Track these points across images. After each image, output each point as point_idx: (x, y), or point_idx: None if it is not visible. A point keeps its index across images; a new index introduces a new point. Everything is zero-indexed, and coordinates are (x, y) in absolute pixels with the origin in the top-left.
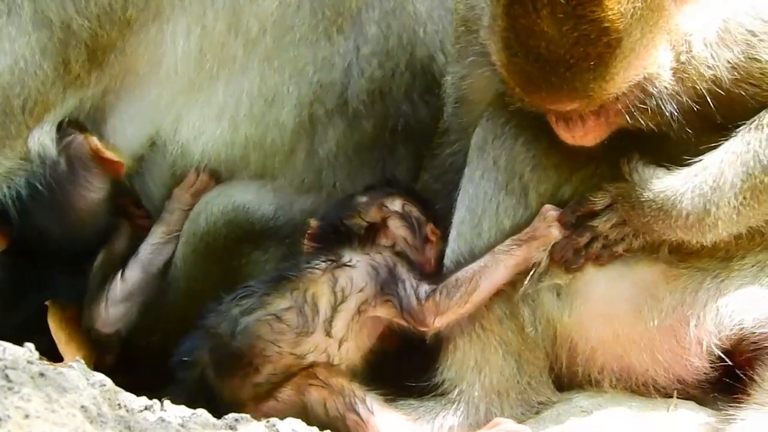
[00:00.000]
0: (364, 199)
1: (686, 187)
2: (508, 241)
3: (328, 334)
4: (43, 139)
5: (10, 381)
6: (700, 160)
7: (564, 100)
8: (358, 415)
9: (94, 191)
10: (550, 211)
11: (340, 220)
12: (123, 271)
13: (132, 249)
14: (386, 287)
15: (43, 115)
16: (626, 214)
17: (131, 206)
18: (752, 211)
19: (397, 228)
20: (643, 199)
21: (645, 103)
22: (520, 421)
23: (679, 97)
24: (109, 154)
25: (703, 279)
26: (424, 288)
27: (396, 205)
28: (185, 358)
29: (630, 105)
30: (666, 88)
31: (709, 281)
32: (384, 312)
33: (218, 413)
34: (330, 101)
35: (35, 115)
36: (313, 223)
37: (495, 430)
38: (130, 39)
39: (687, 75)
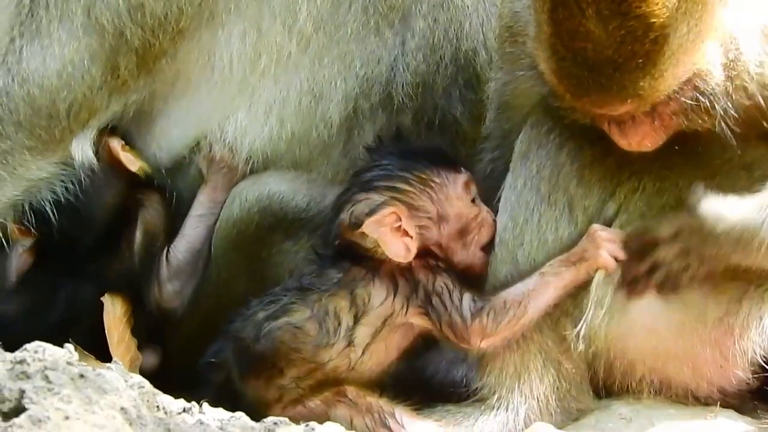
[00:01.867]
0: (372, 198)
1: (762, 216)
2: (556, 263)
3: (351, 343)
4: (84, 145)
5: (50, 382)
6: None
7: (614, 102)
8: (389, 428)
9: (109, 194)
10: (599, 232)
11: (346, 230)
12: (168, 248)
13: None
14: (415, 300)
15: (87, 120)
16: (695, 247)
17: None
18: None
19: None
20: (717, 233)
21: (698, 102)
22: (560, 428)
23: (730, 96)
24: (124, 158)
25: (746, 289)
26: (469, 304)
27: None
28: (212, 360)
29: (683, 105)
30: (717, 85)
31: (752, 291)
32: (419, 321)
33: (252, 417)
34: (375, 95)
35: (80, 119)
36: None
37: None
38: (182, 45)
39: (736, 73)
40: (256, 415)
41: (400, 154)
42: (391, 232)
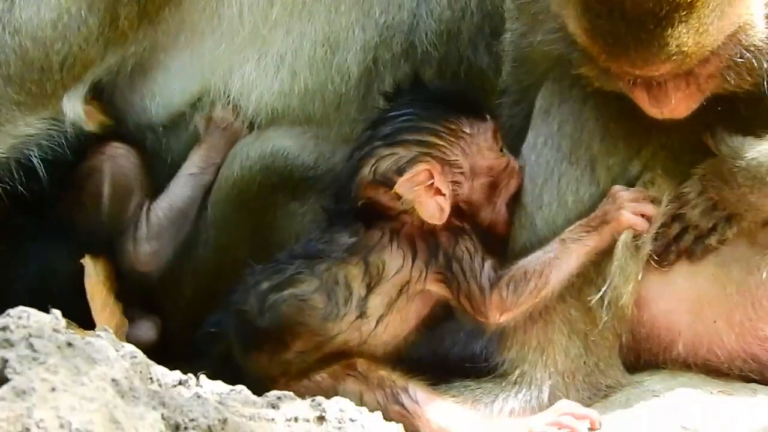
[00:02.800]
0: (392, 152)
1: None
2: (577, 228)
3: (363, 314)
4: (75, 100)
5: (35, 351)
6: None
7: (656, 60)
8: (402, 405)
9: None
10: (620, 192)
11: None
12: (149, 206)
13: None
14: (434, 265)
15: (81, 74)
16: (717, 193)
17: None
18: None
19: (448, 180)
20: (735, 170)
21: (742, 59)
22: (587, 405)
23: None
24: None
25: None
26: (489, 273)
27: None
28: (211, 330)
29: (726, 63)
30: (762, 40)
31: None
32: (436, 288)
33: (254, 390)
34: (396, 44)
35: (74, 73)
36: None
37: (560, 414)
38: None
39: None
40: (259, 389)
41: (424, 102)
42: (425, 192)
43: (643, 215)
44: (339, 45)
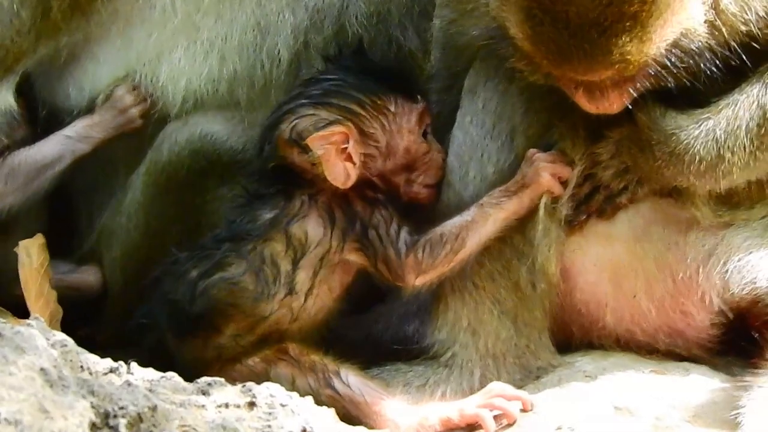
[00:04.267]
0: (309, 112)
1: (699, 131)
2: (496, 193)
3: (291, 291)
4: (6, 91)
5: None
6: (715, 101)
7: (599, 68)
8: (334, 389)
9: None
10: (537, 154)
11: (275, 153)
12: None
13: None
14: (351, 233)
15: (13, 66)
16: (632, 159)
17: None
18: None
19: (365, 147)
20: (653, 142)
21: (681, 61)
22: (519, 387)
23: (713, 52)
24: None
25: (710, 227)
26: (405, 237)
27: (365, 111)
28: (143, 321)
29: (665, 65)
30: (701, 43)
31: (717, 230)
32: (354, 258)
33: (185, 376)
34: (327, 28)
35: (5, 65)
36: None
37: (491, 396)
38: None
39: (718, 28)
40: (192, 376)
41: (358, 71)
42: (335, 153)
43: (560, 178)
44: (269, 29)
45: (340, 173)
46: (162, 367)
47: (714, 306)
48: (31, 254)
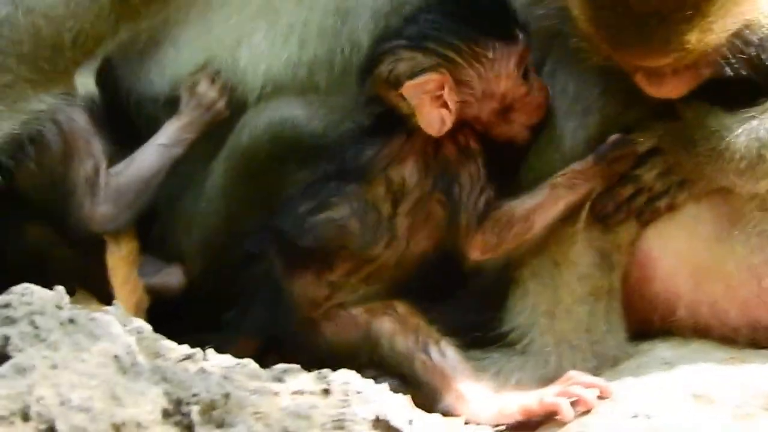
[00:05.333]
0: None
1: (742, 129)
2: (570, 173)
3: (394, 236)
4: (87, 75)
5: (36, 328)
6: (762, 101)
7: (657, 55)
8: (430, 357)
9: None
10: (613, 140)
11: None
12: (108, 168)
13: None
14: (441, 183)
15: (93, 50)
16: (674, 157)
17: None
18: None
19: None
20: (696, 137)
21: (743, 53)
22: (596, 374)
23: None
24: None
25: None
26: (481, 207)
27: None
28: (252, 251)
29: (726, 55)
30: (765, 35)
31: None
32: (437, 210)
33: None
34: (408, 11)
35: (86, 50)
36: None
37: (569, 384)
38: None
39: None
40: (300, 312)
41: (457, 14)
42: (430, 101)
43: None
44: (349, 13)
45: (435, 121)
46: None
47: None
48: (119, 242)
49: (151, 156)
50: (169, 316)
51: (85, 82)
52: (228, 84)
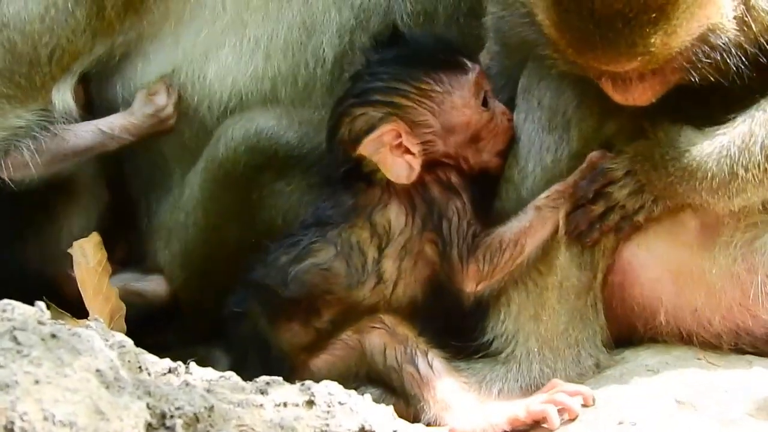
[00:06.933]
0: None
1: (713, 147)
2: (553, 193)
3: (381, 279)
4: (64, 91)
5: (18, 343)
6: (731, 118)
7: (622, 59)
8: (416, 368)
9: None
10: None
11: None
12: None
13: None
14: (430, 222)
15: (70, 66)
16: (646, 177)
17: None
18: None
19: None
20: (667, 158)
21: (708, 57)
22: (579, 382)
23: (742, 49)
24: None
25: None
26: (469, 240)
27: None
28: (236, 310)
29: (692, 59)
30: (730, 39)
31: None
32: (428, 250)
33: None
34: (373, 26)
35: (62, 65)
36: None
37: (554, 392)
38: None
39: (747, 25)
40: (289, 361)
41: (396, 59)
42: (390, 151)
43: None
44: (315, 28)
45: (402, 169)
46: (255, 357)
47: None
48: (86, 254)
49: (85, 133)
50: (152, 330)
51: (63, 97)
52: (181, 101)
